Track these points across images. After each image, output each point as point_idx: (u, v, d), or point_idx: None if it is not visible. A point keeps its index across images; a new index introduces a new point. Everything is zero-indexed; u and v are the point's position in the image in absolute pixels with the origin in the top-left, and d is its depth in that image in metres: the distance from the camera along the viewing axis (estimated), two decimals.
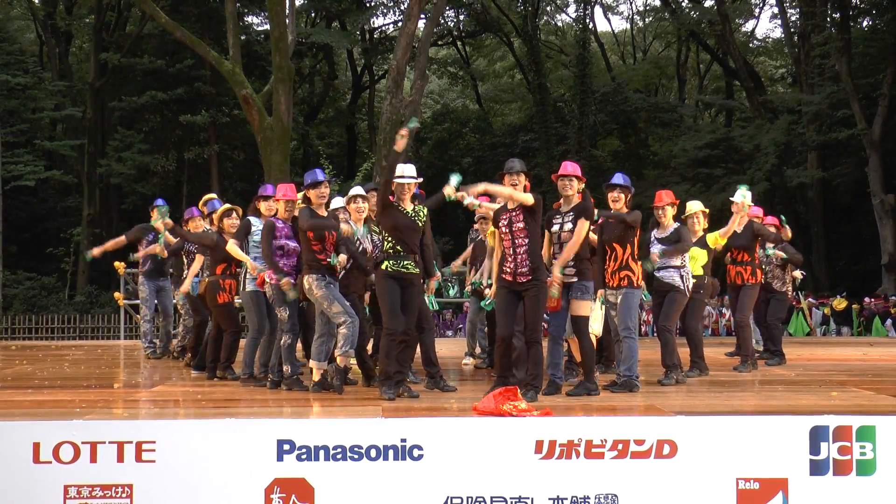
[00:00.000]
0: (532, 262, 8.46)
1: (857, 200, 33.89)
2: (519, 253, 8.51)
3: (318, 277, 8.86)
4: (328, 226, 9.04)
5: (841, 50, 31.14)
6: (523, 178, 8.82)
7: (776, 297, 12.61)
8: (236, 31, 27.72)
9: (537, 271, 8.48)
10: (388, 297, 8.60)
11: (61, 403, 8.45)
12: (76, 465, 6.48)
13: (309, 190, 9.12)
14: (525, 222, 8.53)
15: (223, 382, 10.17)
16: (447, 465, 6.62)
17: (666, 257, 9.92)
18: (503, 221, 8.70)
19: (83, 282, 32.79)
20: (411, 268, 8.70)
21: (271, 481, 6.54)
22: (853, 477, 6.72)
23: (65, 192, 37.03)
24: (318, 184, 9.11)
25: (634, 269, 9.22)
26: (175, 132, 34.95)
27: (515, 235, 8.54)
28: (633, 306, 9.29)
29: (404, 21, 27.16)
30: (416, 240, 8.79)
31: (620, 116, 39.46)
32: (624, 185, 9.36)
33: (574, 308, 8.91)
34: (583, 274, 8.89)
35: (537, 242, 8.60)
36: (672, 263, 10.08)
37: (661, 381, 9.91)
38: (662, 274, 10.13)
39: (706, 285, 10.98)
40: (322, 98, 41.49)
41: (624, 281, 9.19)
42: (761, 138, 32.50)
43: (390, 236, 8.67)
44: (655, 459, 6.68)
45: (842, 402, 8.47)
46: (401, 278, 8.63)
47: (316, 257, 8.92)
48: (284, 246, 9.34)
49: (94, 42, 35.17)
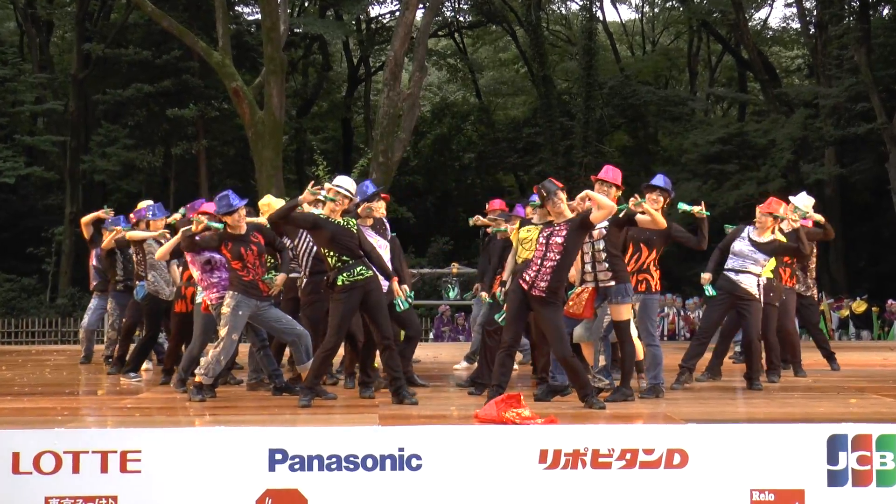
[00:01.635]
0: (552, 282, 8.35)
1: (876, 198, 33.87)
2: (545, 267, 8.41)
3: (239, 297, 8.96)
4: (211, 246, 9.13)
5: (860, 40, 31.09)
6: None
7: (804, 301, 12.55)
8: (226, 20, 27.70)
9: (555, 293, 8.40)
10: (340, 312, 8.61)
11: (42, 411, 8.45)
12: (58, 475, 6.47)
13: (224, 217, 9.14)
14: (566, 240, 8.40)
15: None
16: (447, 476, 6.61)
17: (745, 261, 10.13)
18: (545, 232, 8.66)
19: (65, 283, 32.72)
20: (366, 272, 8.72)
21: (263, 492, 6.54)
22: (873, 488, 6.71)
23: (46, 189, 36.95)
24: (232, 212, 9.10)
25: (654, 275, 9.27)
26: (162, 126, 34.86)
27: (550, 248, 8.44)
28: (651, 312, 9.32)
29: (402, 10, 27.17)
30: (356, 245, 8.81)
31: (629, 110, 39.47)
32: (664, 187, 9.38)
33: (614, 313, 8.87)
34: (619, 277, 8.82)
35: (567, 264, 8.50)
36: (753, 270, 10.16)
37: (754, 387, 10.04)
38: (741, 278, 10.19)
39: (776, 288, 11.05)
40: (316, 91, 41.43)
41: (641, 285, 9.22)
42: (776, 133, 32.46)
43: (331, 251, 8.70)
44: (665, 469, 6.67)
45: (861, 409, 8.47)
46: (360, 286, 8.64)
47: (238, 275, 9.01)
48: (211, 259, 9.39)
49: (77, 32, 35.07)
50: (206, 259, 9.37)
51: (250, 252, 9.04)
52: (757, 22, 44.14)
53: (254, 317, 9.09)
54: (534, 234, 9.34)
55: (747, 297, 10.14)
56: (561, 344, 8.36)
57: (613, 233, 8.80)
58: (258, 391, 9.91)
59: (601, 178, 9.03)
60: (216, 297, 9.28)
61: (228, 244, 9.00)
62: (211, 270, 9.39)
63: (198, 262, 9.42)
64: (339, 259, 8.66)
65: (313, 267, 9.66)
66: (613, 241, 8.85)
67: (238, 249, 8.97)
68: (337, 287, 8.63)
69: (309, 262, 9.73)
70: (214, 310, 9.30)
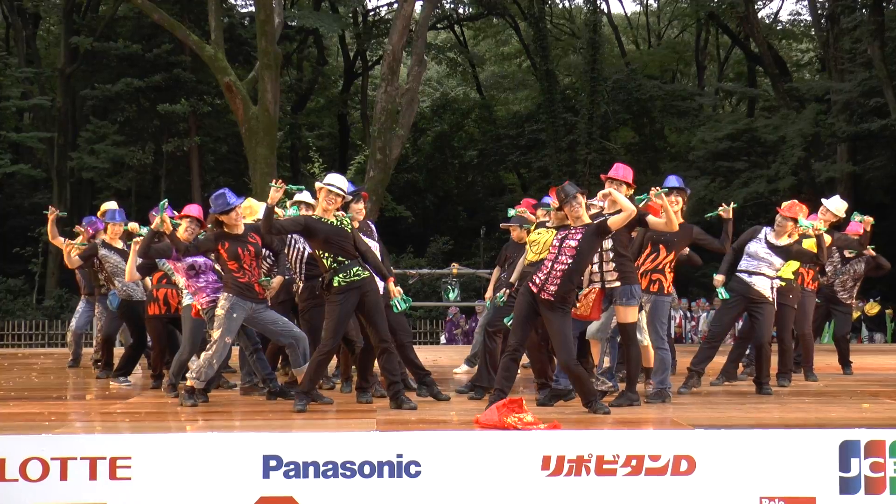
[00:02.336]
0: (562, 287, 8.34)
1: (890, 196, 33.83)
2: (556, 270, 8.39)
3: (233, 299, 8.94)
4: (209, 248, 9.13)
5: (873, 33, 31.06)
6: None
7: (840, 309, 12.57)
8: (218, 13, 27.70)
9: (564, 299, 8.39)
10: (337, 314, 8.62)
11: (29, 416, 8.46)
12: (45, 482, 6.47)
13: (220, 216, 9.15)
14: (580, 244, 8.40)
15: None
16: (447, 483, 6.62)
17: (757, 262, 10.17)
18: (559, 234, 8.65)
19: (52, 284, 32.74)
20: (362, 272, 8.73)
21: (257, 500, 6.54)
22: (886, 496, 6.71)
23: (33, 187, 36.95)
24: (229, 210, 9.12)
25: (668, 276, 9.28)
26: (152, 122, 34.91)
27: (562, 252, 8.44)
28: (661, 314, 9.32)
29: (400, 2, 27.16)
30: (351, 246, 8.81)
31: (634, 105, 39.43)
32: (681, 187, 9.40)
33: (619, 315, 8.88)
34: (626, 278, 8.82)
35: (580, 269, 8.50)
36: (767, 272, 10.18)
37: (764, 391, 10.08)
38: (754, 280, 10.20)
39: (795, 290, 11.06)
40: (311, 86, 41.41)
41: (654, 285, 9.23)
42: (787, 129, 32.43)
43: (326, 252, 8.69)
44: (672, 476, 6.68)
45: (874, 414, 8.48)
46: (357, 287, 8.64)
47: (234, 276, 8.99)
48: (194, 264, 9.39)
49: (64, 25, 35.13)
50: (188, 265, 9.36)
51: (247, 253, 9.03)
52: (767, 14, 44.17)
53: (249, 319, 9.08)
54: (543, 237, 9.36)
55: (760, 299, 10.15)
56: (566, 351, 8.36)
57: (622, 233, 8.80)
58: (252, 395, 9.91)
59: (611, 176, 9.03)
60: (207, 301, 9.28)
61: (225, 244, 9.00)
62: (196, 275, 9.38)
63: (181, 269, 9.42)
64: (335, 260, 8.65)
65: (308, 272, 9.68)
66: (622, 242, 8.85)
67: (235, 249, 8.97)
68: (333, 288, 8.62)
69: (303, 268, 9.75)
70: (206, 314, 9.30)
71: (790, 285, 10.87)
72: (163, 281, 10.48)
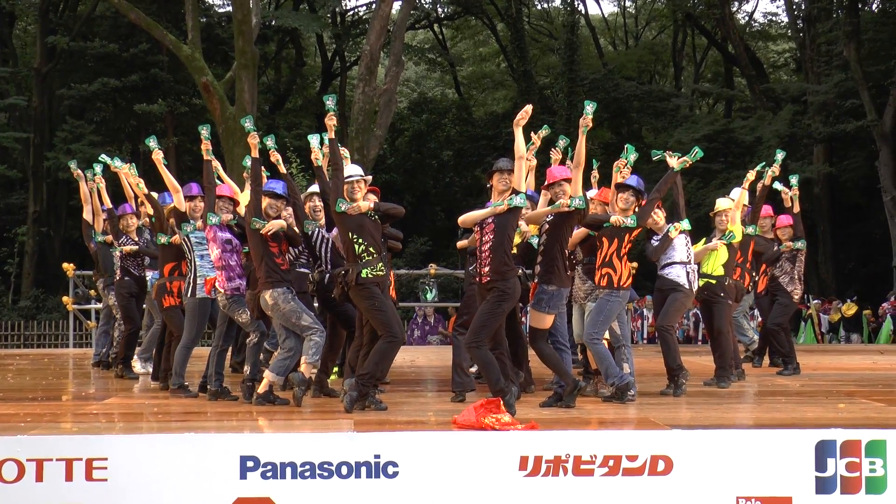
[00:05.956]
0: (493, 264, 8.42)
1: (866, 197, 34.02)
2: (483, 252, 8.49)
3: (284, 291, 8.86)
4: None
5: (849, 35, 31.25)
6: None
7: (780, 297, 12.47)
8: (196, 13, 27.68)
9: (500, 276, 8.41)
10: (387, 305, 8.66)
11: (4, 417, 8.41)
12: (20, 484, 6.44)
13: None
14: (497, 219, 8.55)
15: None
16: (425, 484, 6.61)
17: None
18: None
19: (28, 285, 32.60)
20: (384, 269, 8.75)
21: (234, 501, 6.52)
22: (862, 495, 6.73)
23: (8, 187, 36.71)
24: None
25: (619, 270, 9.12)
26: (129, 122, 34.78)
27: (484, 233, 8.56)
28: (607, 312, 9.16)
29: (378, 3, 27.17)
30: (380, 241, 8.85)
31: (612, 105, 39.50)
32: (637, 188, 9.37)
33: (530, 317, 8.92)
34: (546, 278, 8.78)
35: (502, 243, 8.51)
36: (676, 259, 10.05)
37: (663, 392, 9.94)
38: (666, 271, 10.12)
39: (728, 286, 10.95)
40: (289, 86, 41.37)
41: (604, 280, 9.12)
42: (763, 130, 32.61)
43: (360, 238, 8.63)
44: (649, 476, 6.69)
45: (850, 414, 8.51)
46: (379, 283, 8.64)
47: (275, 262, 8.91)
48: (232, 240, 9.33)
49: (41, 24, 34.94)
50: (227, 238, 9.28)
51: (283, 241, 9.11)
52: (743, 15, 44.33)
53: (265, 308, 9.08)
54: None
55: (670, 286, 10.13)
56: (476, 333, 8.35)
57: (561, 231, 8.81)
58: (179, 397, 9.77)
59: (549, 181, 9.11)
60: (230, 287, 9.17)
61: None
62: (232, 251, 9.27)
63: (219, 240, 9.26)
64: (367, 250, 8.61)
65: (335, 260, 9.61)
66: (559, 238, 8.81)
67: (277, 233, 8.99)
68: (362, 279, 8.55)
69: (329, 256, 9.69)
70: (229, 299, 9.21)
71: (721, 281, 10.79)
72: (175, 273, 10.40)
